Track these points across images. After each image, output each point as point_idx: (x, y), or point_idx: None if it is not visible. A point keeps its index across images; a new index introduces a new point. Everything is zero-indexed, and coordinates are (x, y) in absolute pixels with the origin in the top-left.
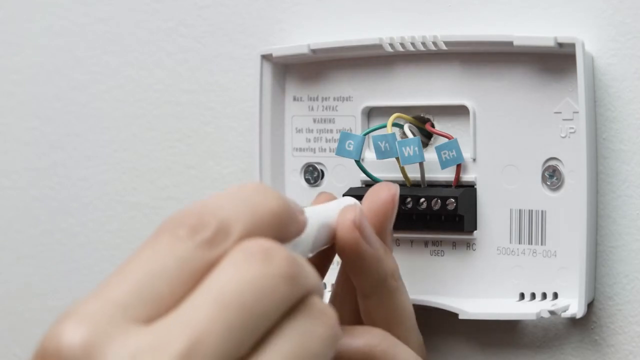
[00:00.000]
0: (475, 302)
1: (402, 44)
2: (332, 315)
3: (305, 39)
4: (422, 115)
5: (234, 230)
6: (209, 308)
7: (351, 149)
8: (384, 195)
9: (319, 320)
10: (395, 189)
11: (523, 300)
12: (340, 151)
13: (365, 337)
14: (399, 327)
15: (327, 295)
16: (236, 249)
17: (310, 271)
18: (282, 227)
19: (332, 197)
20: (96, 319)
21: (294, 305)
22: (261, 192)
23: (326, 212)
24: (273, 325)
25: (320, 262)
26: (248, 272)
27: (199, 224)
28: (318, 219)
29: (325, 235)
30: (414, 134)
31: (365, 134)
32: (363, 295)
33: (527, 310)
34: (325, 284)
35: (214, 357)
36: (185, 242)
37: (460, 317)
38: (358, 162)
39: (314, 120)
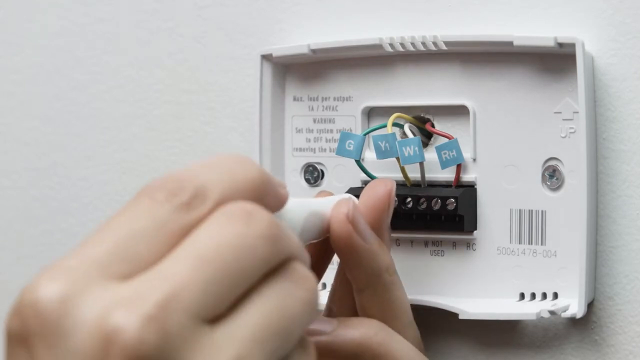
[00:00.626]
0: (475, 302)
1: (402, 44)
2: (312, 280)
3: (305, 39)
4: (422, 115)
5: (211, 194)
6: (188, 263)
7: (351, 148)
8: (380, 191)
9: (299, 283)
10: (392, 185)
11: (523, 300)
12: (341, 151)
13: (361, 328)
14: (395, 323)
15: (325, 294)
16: (218, 210)
17: (292, 237)
18: (260, 196)
19: (330, 195)
20: (73, 274)
21: (275, 268)
22: (240, 161)
23: (318, 203)
24: (252, 285)
25: (319, 262)
26: (229, 231)
27: (177, 188)
28: (309, 207)
29: (316, 225)
30: (414, 134)
31: (365, 134)
32: (358, 289)
33: (527, 310)
34: (324, 284)
35: (191, 310)
36: (163, 205)
37: (460, 317)
38: (358, 162)
39: (314, 120)
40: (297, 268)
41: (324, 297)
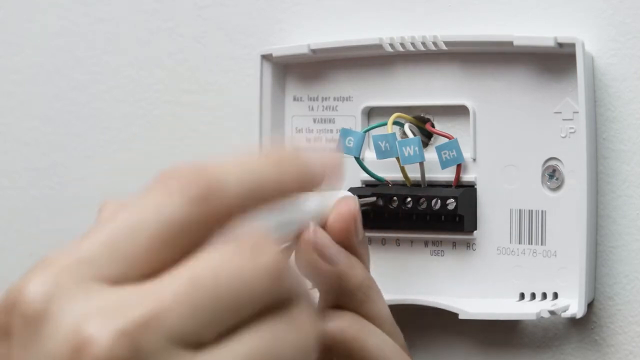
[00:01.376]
0: (475, 302)
1: (402, 44)
2: (311, 327)
3: (305, 39)
4: (422, 115)
5: (228, 189)
6: (180, 285)
7: (351, 145)
8: (344, 210)
9: (296, 327)
10: (354, 203)
11: (523, 300)
12: (340, 148)
13: (336, 320)
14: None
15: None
16: (229, 235)
17: (298, 278)
18: (287, 189)
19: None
20: (59, 273)
21: (274, 307)
22: (281, 159)
23: (322, 200)
24: (246, 319)
25: None
26: (232, 259)
27: (193, 180)
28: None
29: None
30: (414, 134)
31: (365, 131)
32: (333, 307)
33: (527, 310)
34: None
35: (170, 333)
36: (172, 196)
37: (460, 317)
38: (358, 159)
39: (314, 120)
40: (298, 312)
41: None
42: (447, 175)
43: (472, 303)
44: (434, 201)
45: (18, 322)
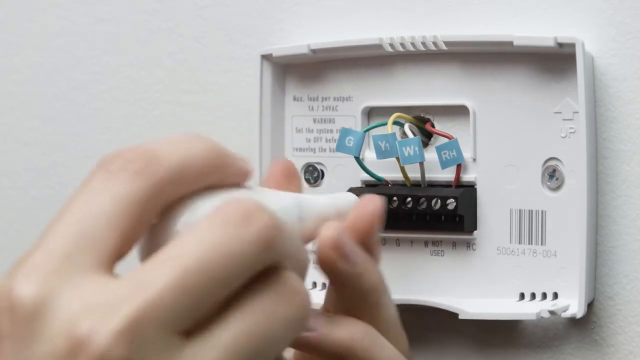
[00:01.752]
0: (475, 302)
1: (402, 44)
2: (302, 294)
3: (305, 39)
4: (422, 115)
5: (165, 161)
6: (168, 271)
7: (351, 145)
8: (370, 208)
9: (287, 298)
10: (380, 203)
11: (523, 300)
12: (340, 147)
13: (349, 329)
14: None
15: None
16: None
17: (292, 239)
18: (217, 167)
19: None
20: (44, 271)
21: (263, 274)
22: (196, 136)
23: (314, 204)
24: (235, 292)
25: None
26: (219, 235)
27: (131, 157)
28: (300, 207)
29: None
30: (414, 134)
31: (365, 131)
32: (345, 309)
33: (527, 310)
34: (324, 284)
35: (164, 323)
36: (118, 176)
37: (460, 317)
38: (357, 159)
39: (314, 120)
40: (287, 279)
41: (320, 297)
42: (447, 175)
43: (472, 303)
44: (434, 201)
45: (9, 323)
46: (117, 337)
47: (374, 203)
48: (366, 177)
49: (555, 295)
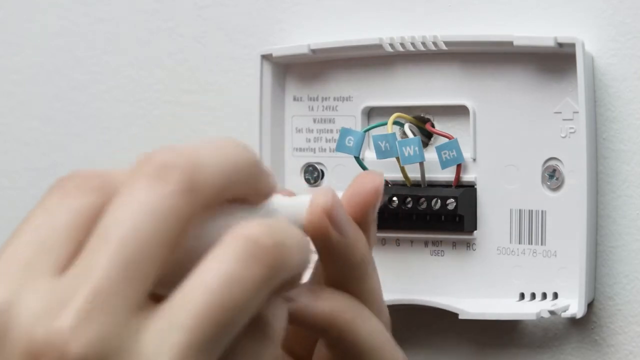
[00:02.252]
0: (475, 302)
1: (402, 44)
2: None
3: (305, 39)
4: (422, 115)
5: (209, 173)
6: (103, 251)
7: (351, 145)
8: (369, 186)
9: (248, 255)
10: (380, 180)
11: (523, 300)
12: (340, 147)
13: (331, 301)
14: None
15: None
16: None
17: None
18: (252, 182)
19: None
20: (6, 278)
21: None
22: (236, 145)
23: (287, 205)
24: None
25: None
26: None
27: (88, 179)
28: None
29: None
30: (414, 134)
31: (365, 131)
32: (330, 280)
33: (527, 310)
34: None
35: (117, 301)
36: (73, 193)
37: (460, 317)
38: (357, 159)
39: (314, 120)
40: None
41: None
42: (447, 175)
43: (472, 303)
44: (434, 201)
45: None
46: (73, 332)
47: (374, 182)
48: None
49: (555, 295)
